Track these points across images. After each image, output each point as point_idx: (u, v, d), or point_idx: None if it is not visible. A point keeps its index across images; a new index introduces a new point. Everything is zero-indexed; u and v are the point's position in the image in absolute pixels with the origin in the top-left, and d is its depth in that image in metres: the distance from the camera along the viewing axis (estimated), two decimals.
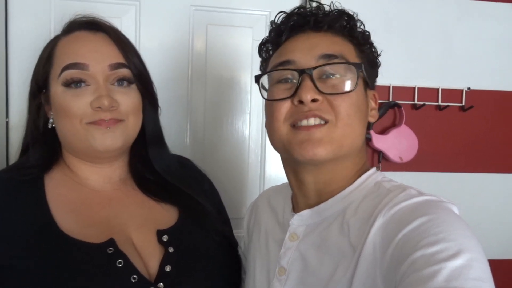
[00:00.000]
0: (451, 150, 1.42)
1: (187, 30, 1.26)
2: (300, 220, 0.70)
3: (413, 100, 1.37)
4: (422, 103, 1.37)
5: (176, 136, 1.27)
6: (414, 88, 1.37)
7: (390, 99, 1.34)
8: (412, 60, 1.36)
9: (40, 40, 1.16)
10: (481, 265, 0.49)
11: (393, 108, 1.37)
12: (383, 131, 1.37)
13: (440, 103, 1.38)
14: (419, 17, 1.37)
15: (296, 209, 0.74)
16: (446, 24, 1.39)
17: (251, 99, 1.32)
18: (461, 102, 1.40)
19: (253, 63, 1.30)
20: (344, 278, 0.59)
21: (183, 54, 1.26)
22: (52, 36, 1.16)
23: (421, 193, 0.60)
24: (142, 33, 1.23)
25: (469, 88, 1.40)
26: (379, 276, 0.55)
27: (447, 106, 1.39)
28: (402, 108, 1.36)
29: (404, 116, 1.36)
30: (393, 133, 1.35)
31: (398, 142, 1.35)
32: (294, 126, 0.64)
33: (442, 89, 1.38)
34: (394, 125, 1.38)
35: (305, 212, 0.69)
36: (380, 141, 1.34)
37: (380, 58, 0.73)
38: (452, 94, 1.40)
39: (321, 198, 0.69)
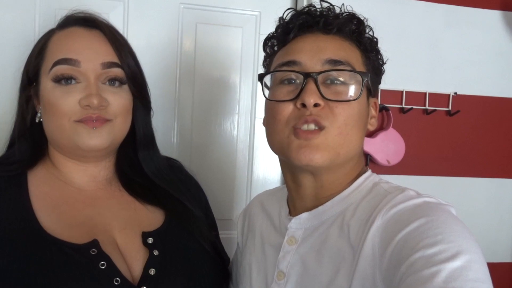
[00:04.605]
0: (437, 154, 1.43)
1: (176, 29, 1.25)
2: (299, 224, 0.69)
3: (401, 104, 1.38)
4: (409, 107, 1.37)
5: (163, 135, 1.25)
6: (402, 92, 1.38)
7: (379, 101, 1.35)
8: (400, 65, 1.36)
9: (24, 34, 1.14)
10: (480, 266, 0.49)
11: (381, 112, 1.38)
12: (370, 134, 1.37)
13: (427, 107, 1.39)
14: (407, 23, 1.38)
15: (292, 212, 0.72)
16: (434, 30, 1.40)
17: (239, 99, 1.31)
18: (448, 107, 1.41)
19: (242, 63, 1.29)
20: (344, 280, 0.59)
21: (171, 53, 1.25)
22: (37, 30, 1.15)
23: (419, 195, 0.60)
24: (129, 30, 1.21)
25: (455, 93, 1.42)
26: (378, 276, 0.55)
27: (434, 110, 1.40)
28: (390, 112, 1.36)
29: (392, 120, 1.36)
30: (381, 136, 1.36)
31: (386, 145, 1.35)
32: (295, 129, 0.63)
33: (429, 94, 1.39)
34: (382, 128, 1.38)
35: (304, 215, 0.69)
36: (367, 144, 1.34)
37: None
38: (439, 98, 1.41)
39: (319, 201, 0.68)
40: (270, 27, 1.37)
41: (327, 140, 0.62)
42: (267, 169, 1.35)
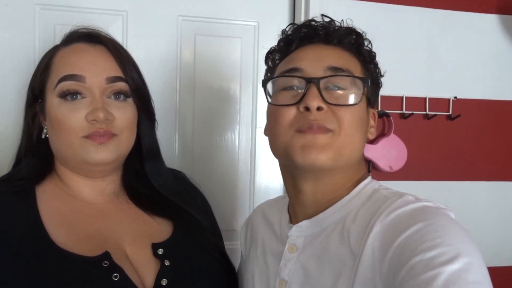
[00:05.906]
0: (439, 159, 1.43)
1: (175, 41, 1.25)
2: (299, 231, 0.69)
3: (401, 110, 1.38)
4: (410, 112, 1.38)
5: (165, 146, 1.24)
6: (402, 97, 1.38)
7: (379, 109, 1.35)
8: (399, 70, 1.37)
9: (24, 49, 1.15)
10: (479, 269, 0.49)
11: (381, 118, 1.38)
12: (372, 141, 1.37)
13: (427, 112, 1.40)
14: (405, 28, 1.39)
15: (293, 220, 0.73)
16: (432, 35, 1.41)
17: (240, 109, 1.31)
18: (448, 111, 1.41)
19: (242, 73, 1.30)
20: (345, 286, 0.59)
21: (171, 65, 1.25)
22: (37, 45, 1.15)
23: (418, 199, 0.61)
24: (129, 43, 1.22)
25: (455, 97, 1.42)
26: (378, 281, 0.55)
27: (435, 115, 1.40)
28: (391, 118, 1.36)
29: (393, 126, 1.36)
30: (382, 143, 1.36)
31: (388, 151, 1.35)
32: (299, 131, 0.64)
33: (429, 98, 1.40)
34: (383, 134, 1.38)
35: (304, 223, 0.69)
36: (369, 151, 1.34)
37: None
38: (439, 103, 1.41)
39: (319, 207, 0.68)
40: (268, 37, 1.37)
41: (333, 141, 0.63)
42: (269, 178, 1.35)
